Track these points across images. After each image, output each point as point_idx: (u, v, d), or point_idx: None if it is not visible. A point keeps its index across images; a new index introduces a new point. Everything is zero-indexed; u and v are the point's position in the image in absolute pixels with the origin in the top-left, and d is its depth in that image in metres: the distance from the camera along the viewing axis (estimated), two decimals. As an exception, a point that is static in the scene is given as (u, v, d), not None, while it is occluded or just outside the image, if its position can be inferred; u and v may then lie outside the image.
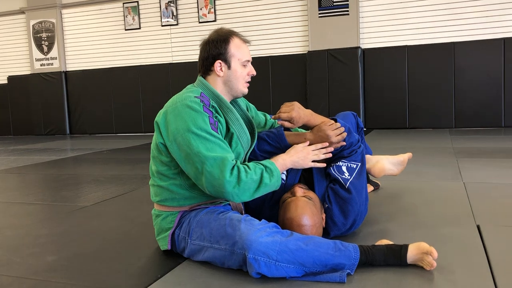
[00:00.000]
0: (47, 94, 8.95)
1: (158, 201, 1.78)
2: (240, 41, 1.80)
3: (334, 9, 6.97)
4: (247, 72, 1.82)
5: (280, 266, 1.46)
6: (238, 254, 1.51)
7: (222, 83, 1.79)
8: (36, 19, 8.95)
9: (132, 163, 4.56)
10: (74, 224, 2.36)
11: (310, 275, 1.48)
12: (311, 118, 1.90)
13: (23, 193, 3.31)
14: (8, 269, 1.73)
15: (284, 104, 1.92)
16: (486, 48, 6.49)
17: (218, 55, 1.75)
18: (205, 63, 1.79)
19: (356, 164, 1.87)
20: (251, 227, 1.53)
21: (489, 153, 4.10)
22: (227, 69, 1.77)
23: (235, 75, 1.78)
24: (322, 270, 1.48)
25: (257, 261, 1.45)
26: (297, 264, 1.47)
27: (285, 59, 7.47)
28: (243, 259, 1.50)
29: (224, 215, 1.64)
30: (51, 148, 6.44)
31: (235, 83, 1.79)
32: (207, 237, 1.61)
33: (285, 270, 1.47)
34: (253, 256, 1.45)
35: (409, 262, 1.53)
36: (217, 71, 1.76)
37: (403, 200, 2.54)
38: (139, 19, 8.34)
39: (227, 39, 1.76)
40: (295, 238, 1.50)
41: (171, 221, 1.75)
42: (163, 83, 8.11)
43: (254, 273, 1.48)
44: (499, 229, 1.94)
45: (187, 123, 1.60)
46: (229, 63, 1.77)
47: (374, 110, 7.09)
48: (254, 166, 1.63)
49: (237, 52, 1.77)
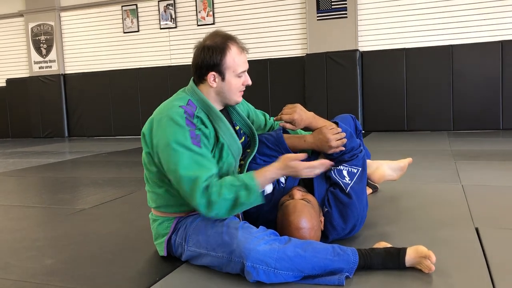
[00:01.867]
0: (46, 97, 8.94)
1: (155, 207, 1.77)
2: (238, 50, 1.69)
3: (332, 12, 6.98)
4: (242, 82, 1.74)
5: (279, 273, 1.46)
6: (236, 263, 1.50)
7: (215, 93, 1.72)
8: (35, 22, 8.95)
9: (131, 166, 4.56)
10: (72, 227, 2.36)
11: (309, 278, 1.48)
12: (313, 121, 1.90)
13: (21, 196, 3.30)
14: (6, 272, 1.72)
15: (286, 106, 1.91)
16: (484, 51, 6.51)
17: (212, 67, 1.66)
18: (197, 72, 1.71)
19: (357, 169, 1.87)
20: (249, 235, 1.51)
21: (487, 156, 4.11)
22: (220, 81, 1.69)
23: (229, 87, 1.71)
24: (321, 273, 1.48)
25: (255, 269, 1.45)
26: (296, 271, 1.46)
27: (283, 62, 7.48)
28: (241, 267, 1.49)
29: (221, 221, 1.61)
30: (50, 151, 6.43)
31: (228, 94, 1.72)
32: (204, 244, 1.60)
33: (284, 277, 1.46)
34: (251, 265, 1.45)
35: (408, 265, 1.52)
36: (210, 82, 1.69)
37: (401, 202, 2.54)
38: (138, 22, 8.34)
39: (224, 50, 1.66)
40: (293, 245, 1.50)
41: (167, 227, 1.73)
42: (161, 85, 8.11)
43: (252, 281, 1.48)
44: (497, 231, 1.95)
45: (167, 137, 1.57)
46: (223, 75, 1.68)
47: (372, 113, 7.10)
48: (230, 184, 1.54)
49: (233, 64, 1.67)
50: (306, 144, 1.90)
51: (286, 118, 1.87)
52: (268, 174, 1.61)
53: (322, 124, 1.90)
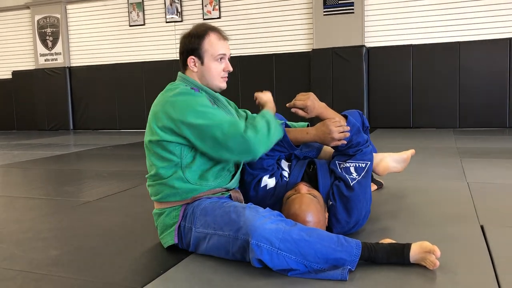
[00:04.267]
0: (51, 90, 8.96)
1: (159, 199, 1.78)
2: (217, 36, 1.80)
3: (339, 7, 6.94)
4: (222, 68, 1.82)
5: (282, 255, 1.46)
6: (242, 240, 1.52)
7: (198, 78, 1.83)
8: (41, 14, 8.96)
9: (135, 159, 4.57)
10: (77, 219, 2.37)
11: (312, 272, 1.48)
12: (324, 111, 1.92)
13: (27, 187, 3.32)
14: (12, 262, 1.73)
15: (300, 94, 1.94)
16: (491, 48, 6.46)
17: (191, 51, 1.79)
18: (181, 58, 1.84)
19: (365, 163, 1.87)
20: (256, 213, 1.54)
21: (493, 154, 4.09)
22: (200, 65, 1.80)
23: (209, 71, 1.80)
24: (323, 268, 1.47)
25: (259, 247, 1.46)
26: (298, 255, 1.46)
27: (289, 57, 7.45)
28: (245, 245, 1.51)
29: (228, 203, 1.67)
30: (55, 143, 6.46)
31: (210, 78, 1.81)
32: (211, 224, 1.63)
33: (286, 260, 1.47)
34: (256, 242, 1.46)
35: (412, 261, 1.52)
36: (191, 67, 1.80)
37: (406, 199, 2.53)
38: (144, 15, 8.33)
39: (203, 35, 1.78)
40: (298, 228, 1.51)
41: (175, 216, 1.75)
42: (167, 79, 7.94)
43: (255, 260, 1.49)
44: (503, 229, 1.94)
45: (191, 105, 1.66)
46: (202, 58, 1.79)
47: (378, 109, 7.07)
48: (252, 116, 1.82)
49: (210, 48, 1.78)
50: (308, 136, 1.91)
51: (299, 104, 1.89)
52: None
53: (331, 115, 1.91)
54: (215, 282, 1.48)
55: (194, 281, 1.50)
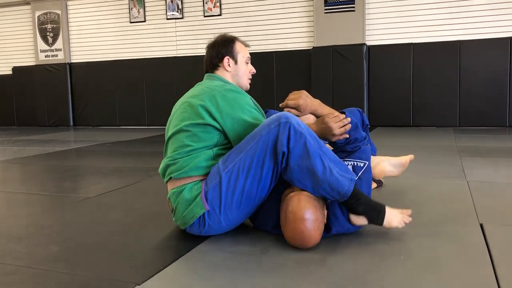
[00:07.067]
0: (51, 86, 8.96)
1: (181, 173, 1.79)
2: (242, 43, 2.08)
3: (340, 5, 6.94)
4: (249, 70, 2.06)
5: (305, 137, 1.65)
6: (271, 131, 1.67)
7: (230, 77, 2.01)
8: (41, 10, 8.95)
9: (135, 156, 4.57)
10: (77, 215, 2.37)
11: (327, 170, 1.65)
12: (318, 108, 1.92)
13: (27, 183, 3.32)
14: (12, 258, 1.74)
15: (292, 92, 1.94)
16: (492, 47, 6.46)
17: (226, 53, 2.00)
18: (214, 60, 2.01)
19: (364, 163, 1.88)
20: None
21: (493, 152, 4.09)
22: (234, 64, 2.01)
23: (241, 70, 2.02)
24: (337, 169, 1.67)
25: (288, 124, 1.65)
26: (318, 147, 1.67)
27: (289, 55, 7.45)
28: (276, 134, 1.65)
29: None
30: (55, 140, 6.46)
31: (241, 77, 2.03)
32: (236, 152, 1.73)
33: (311, 144, 1.65)
34: (285, 121, 1.65)
35: (386, 223, 1.75)
36: (226, 66, 1.99)
37: (406, 197, 2.54)
38: (144, 12, 8.33)
39: (233, 40, 2.04)
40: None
41: (198, 188, 1.77)
42: (167, 76, 8.10)
43: (282, 126, 1.66)
44: (502, 228, 1.94)
45: (239, 102, 1.81)
46: (235, 59, 2.01)
47: (378, 107, 7.07)
48: None
49: (241, 50, 2.03)
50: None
51: (291, 104, 1.90)
52: None
53: (327, 111, 1.91)
54: (215, 278, 1.49)
55: (194, 277, 1.51)
